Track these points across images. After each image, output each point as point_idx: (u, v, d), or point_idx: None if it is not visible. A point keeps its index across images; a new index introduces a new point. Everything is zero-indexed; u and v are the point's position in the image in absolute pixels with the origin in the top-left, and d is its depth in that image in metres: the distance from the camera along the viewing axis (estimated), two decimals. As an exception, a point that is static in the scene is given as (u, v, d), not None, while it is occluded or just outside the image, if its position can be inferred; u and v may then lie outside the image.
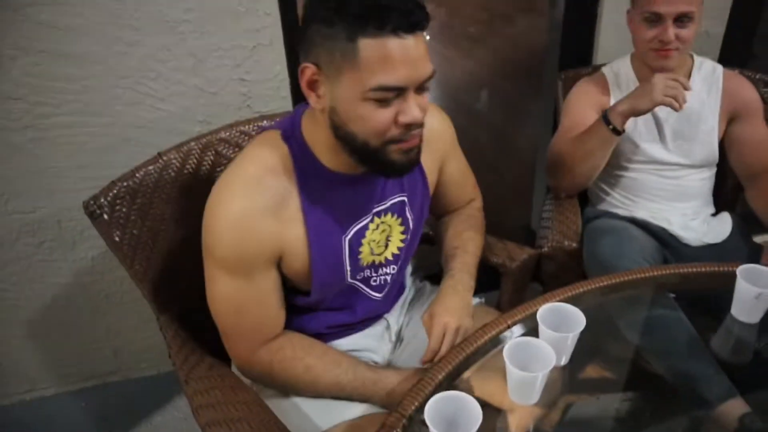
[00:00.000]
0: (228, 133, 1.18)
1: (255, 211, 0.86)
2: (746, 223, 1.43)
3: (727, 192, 1.56)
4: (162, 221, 1.09)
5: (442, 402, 0.70)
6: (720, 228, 1.39)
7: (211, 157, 1.15)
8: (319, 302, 1.00)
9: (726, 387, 0.94)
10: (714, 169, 1.45)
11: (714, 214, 1.46)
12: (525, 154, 2.39)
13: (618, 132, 1.27)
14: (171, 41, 1.31)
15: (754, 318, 0.93)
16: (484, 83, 3.40)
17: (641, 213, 1.40)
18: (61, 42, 1.25)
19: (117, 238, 1.04)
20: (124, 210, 1.04)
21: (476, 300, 1.14)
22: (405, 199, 1.01)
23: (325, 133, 0.85)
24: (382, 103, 0.78)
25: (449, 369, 0.84)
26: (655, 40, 1.25)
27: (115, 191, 1.03)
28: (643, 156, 1.39)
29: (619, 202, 1.45)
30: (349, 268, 0.97)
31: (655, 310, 1.09)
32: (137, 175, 1.06)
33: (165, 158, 1.10)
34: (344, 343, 1.05)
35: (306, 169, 0.90)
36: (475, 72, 3.63)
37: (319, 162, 0.90)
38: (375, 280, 1.03)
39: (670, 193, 1.40)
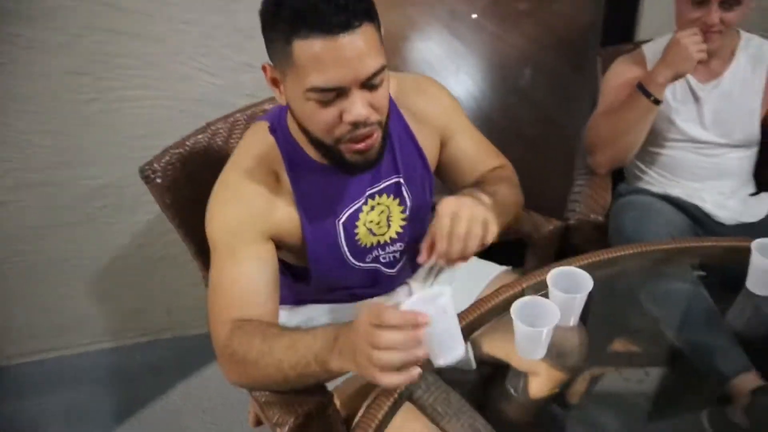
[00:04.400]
0: (271, 106, 1.26)
1: (247, 190, 0.89)
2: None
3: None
4: (209, 185, 1.18)
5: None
6: (758, 208, 1.38)
7: (255, 128, 1.24)
8: (323, 288, 1.03)
9: (741, 360, 0.95)
10: (755, 148, 1.42)
11: (754, 194, 1.44)
12: (567, 131, 2.38)
13: (658, 102, 1.27)
14: (221, 20, 1.39)
15: (769, 291, 0.93)
16: (529, 59, 3.44)
17: (675, 191, 1.40)
18: (124, 21, 1.35)
19: (168, 200, 1.13)
20: (175, 175, 1.14)
21: (503, 268, 1.17)
22: (400, 180, 1.00)
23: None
24: (323, 103, 0.78)
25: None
26: (699, 21, 1.23)
27: (167, 158, 1.12)
28: (680, 135, 1.38)
29: (655, 180, 1.45)
30: (347, 250, 0.98)
31: (674, 282, 1.10)
32: (187, 143, 1.15)
33: (213, 128, 1.19)
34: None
35: (293, 160, 0.92)
36: (521, 48, 3.68)
37: (304, 152, 0.92)
38: (384, 258, 1.04)
39: (707, 171, 1.39)
